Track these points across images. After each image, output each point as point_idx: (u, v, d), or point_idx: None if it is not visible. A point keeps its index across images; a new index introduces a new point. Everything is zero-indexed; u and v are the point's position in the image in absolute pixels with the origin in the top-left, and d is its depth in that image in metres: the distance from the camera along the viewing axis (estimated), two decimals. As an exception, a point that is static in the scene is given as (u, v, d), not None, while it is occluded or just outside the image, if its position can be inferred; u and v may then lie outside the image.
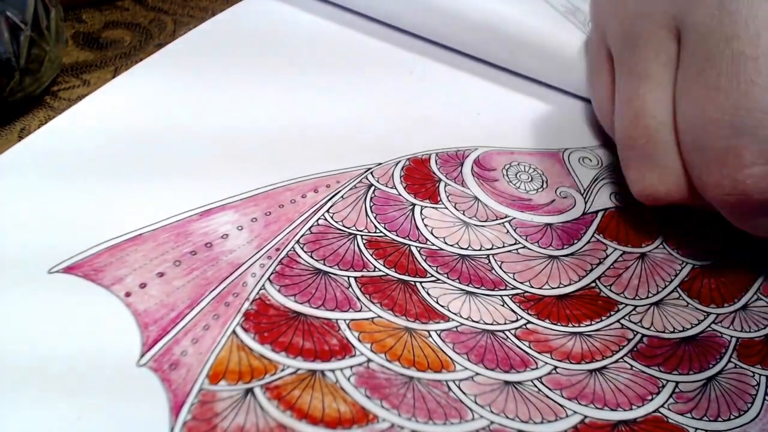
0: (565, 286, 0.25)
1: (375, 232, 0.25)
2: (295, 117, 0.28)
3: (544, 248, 0.26)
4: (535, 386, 0.22)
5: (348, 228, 0.25)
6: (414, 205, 0.26)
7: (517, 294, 0.24)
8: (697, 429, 0.21)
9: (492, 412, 0.21)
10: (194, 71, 0.30)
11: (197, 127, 0.27)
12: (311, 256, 0.24)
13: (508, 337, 0.23)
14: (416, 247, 0.25)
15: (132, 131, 0.27)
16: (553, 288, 0.24)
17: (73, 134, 0.26)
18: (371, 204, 0.26)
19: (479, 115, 0.30)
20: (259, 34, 0.32)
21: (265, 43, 0.32)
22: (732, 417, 0.22)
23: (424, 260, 0.24)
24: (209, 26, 0.32)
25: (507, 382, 0.21)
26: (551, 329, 0.23)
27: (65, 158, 0.25)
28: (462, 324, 0.23)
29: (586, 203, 0.27)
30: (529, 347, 0.23)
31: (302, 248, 0.24)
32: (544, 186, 0.28)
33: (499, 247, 0.25)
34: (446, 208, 0.26)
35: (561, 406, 0.21)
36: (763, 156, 0.20)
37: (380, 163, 0.27)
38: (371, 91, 0.30)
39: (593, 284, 0.25)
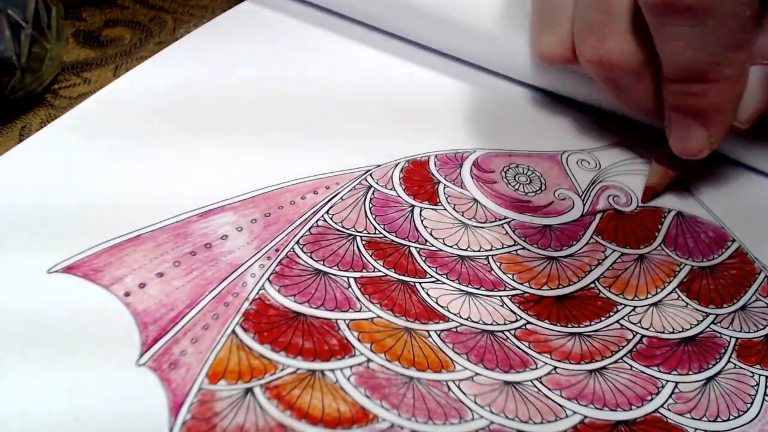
0: (564, 287, 0.25)
1: (374, 233, 0.25)
2: (294, 118, 0.28)
3: (543, 249, 0.26)
4: (535, 386, 0.22)
5: (347, 229, 0.25)
6: (413, 206, 0.26)
7: (516, 295, 0.24)
8: (696, 429, 0.21)
9: (492, 412, 0.21)
10: (194, 72, 0.30)
11: (196, 129, 0.27)
12: (311, 257, 0.24)
13: (507, 337, 0.23)
14: (416, 248, 0.25)
15: (132, 132, 0.27)
16: (552, 289, 0.25)
17: (73, 135, 0.26)
18: (371, 205, 0.26)
19: (478, 118, 0.30)
20: (258, 38, 0.32)
21: (264, 46, 0.32)
22: (731, 417, 0.22)
23: (424, 261, 0.24)
24: (211, 26, 0.32)
25: (507, 382, 0.21)
26: (551, 330, 0.23)
27: (65, 159, 0.25)
28: (462, 324, 0.23)
29: (584, 205, 0.27)
30: (529, 347, 0.23)
31: (302, 249, 0.24)
32: (543, 188, 0.28)
33: (498, 249, 0.25)
34: (445, 209, 0.26)
35: (561, 406, 0.21)
36: (620, 35, 0.23)
37: (379, 165, 0.27)
38: (370, 93, 0.30)
39: (592, 285, 0.25)
